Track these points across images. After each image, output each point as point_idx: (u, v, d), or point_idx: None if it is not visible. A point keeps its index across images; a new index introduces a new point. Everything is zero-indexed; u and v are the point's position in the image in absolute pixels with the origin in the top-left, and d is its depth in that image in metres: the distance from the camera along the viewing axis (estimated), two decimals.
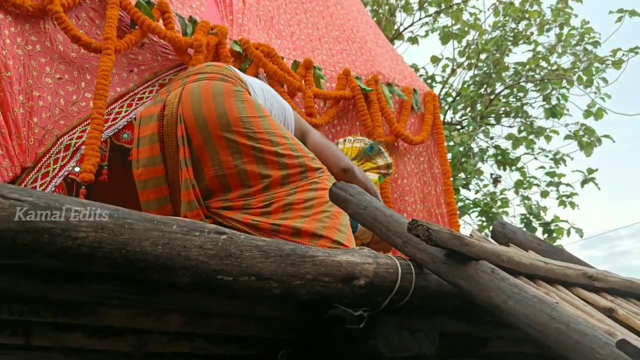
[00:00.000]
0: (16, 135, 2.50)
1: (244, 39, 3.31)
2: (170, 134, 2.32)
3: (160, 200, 2.37)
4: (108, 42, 2.73)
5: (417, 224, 1.64)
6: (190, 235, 1.44)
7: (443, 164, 3.87)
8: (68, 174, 2.59)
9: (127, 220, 1.36)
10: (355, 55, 3.93)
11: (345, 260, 1.67)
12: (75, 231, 1.29)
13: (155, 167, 2.34)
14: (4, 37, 2.55)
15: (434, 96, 4.02)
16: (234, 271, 1.49)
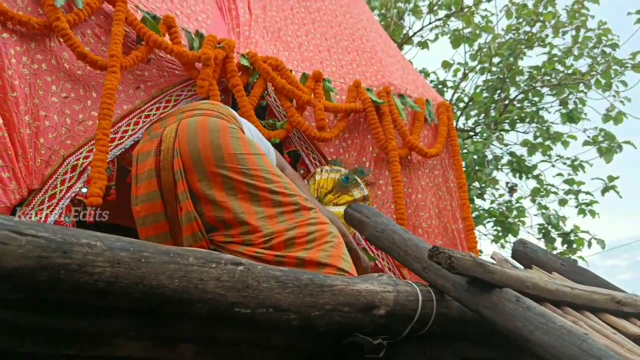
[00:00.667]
0: (22, 156, 2.53)
1: (252, 52, 3.34)
2: (167, 168, 2.39)
3: (160, 236, 2.42)
4: (113, 59, 2.77)
5: (438, 251, 1.66)
6: (206, 267, 1.47)
7: (458, 177, 3.88)
8: (75, 195, 2.62)
9: (144, 253, 1.39)
10: (365, 65, 3.96)
11: (365, 289, 1.69)
12: (91, 266, 1.31)
13: (153, 202, 2.41)
14: (9, 56, 2.58)
15: (448, 107, 4.04)
16: (251, 303, 1.51)
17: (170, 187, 2.39)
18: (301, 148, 3.42)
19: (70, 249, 1.29)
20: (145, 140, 2.50)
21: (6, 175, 2.48)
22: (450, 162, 3.95)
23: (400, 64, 4.22)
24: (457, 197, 3.87)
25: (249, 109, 3.13)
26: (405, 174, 3.69)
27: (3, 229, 1.23)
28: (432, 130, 3.97)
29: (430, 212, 3.73)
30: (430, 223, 3.70)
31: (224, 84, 3.23)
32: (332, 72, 3.80)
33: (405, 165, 3.72)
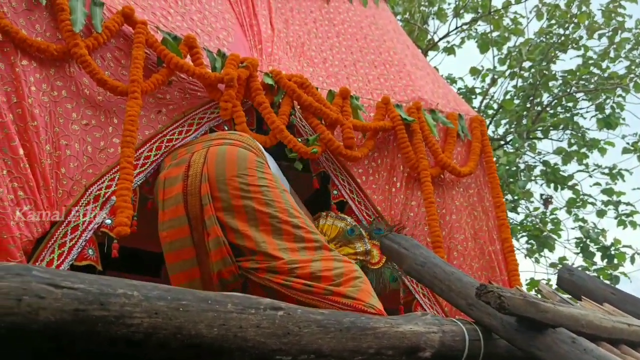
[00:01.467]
0: (44, 188, 2.56)
1: (276, 70, 3.36)
2: (194, 193, 2.57)
3: (186, 262, 2.57)
4: (134, 84, 2.80)
5: (486, 290, 1.65)
6: (245, 313, 1.48)
7: (495, 196, 3.85)
8: (99, 227, 2.65)
9: (182, 301, 1.40)
10: (393, 80, 3.96)
11: (409, 330, 1.69)
12: (129, 318, 1.33)
13: (181, 227, 2.56)
14: (29, 84, 2.62)
15: (482, 121, 4.02)
16: (292, 350, 1.52)
17: (197, 213, 2.54)
18: (329, 169, 3.42)
19: (107, 300, 1.31)
20: (171, 165, 2.66)
21: (28, 208, 2.51)
22: (485, 180, 3.92)
23: (430, 76, 4.22)
24: (494, 216, 3.84)
25: (278, 125, 3.14)
26: (439, 194, 3.67)
27: (39, 281, 1.25)
28: (465, 147, 3.95)
29: (466, 234, 3.71)
30: (465, 245, 3.68)
31: (248, 105, 3.25)
32: (359, 88, 3.81)
33: (438, 184, 3.70)
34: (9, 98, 2.58)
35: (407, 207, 3.58)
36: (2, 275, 1.21)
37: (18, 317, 1.20)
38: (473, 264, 3.66)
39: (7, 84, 2.60)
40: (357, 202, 3.45)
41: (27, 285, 1.23)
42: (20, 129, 2.57)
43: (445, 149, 3.78)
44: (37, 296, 1.23)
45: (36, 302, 1.22)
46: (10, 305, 1.20)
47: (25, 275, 1.24)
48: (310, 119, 3.35)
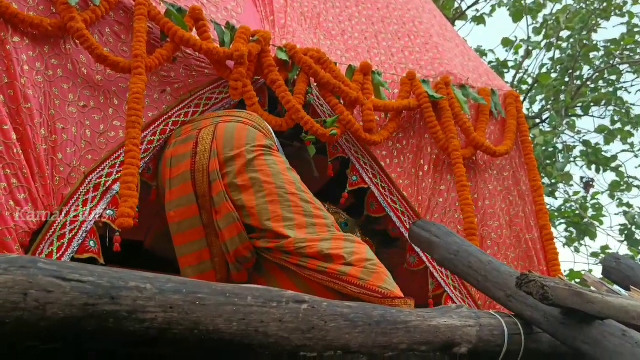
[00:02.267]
0: (39, 175, 2.59)
1: (290, 44, 3.36)
2: (202, 169, 2.70)
3: (195, 243, 2.71)
4: (138, 60, 2.82)
5: (528, 279, 1.66)
6: (267, 307, 1.50)
7: (532, 179, 3.85)
8: (100, 218, 2.68)
9: (198, 295, 1.42)
10: (419, 52, 3.96)
11: (444, 324, 1.71)
12: (142, 312, 1.35)
13: (189, 206, 2.70)
14: (21, 62, 2.65)
15: (517, 97, 4.01)
16: (318, 346, 1.54)
17: (205, 191, 2.67)
18: (350, 152, 3.44)
19: (119, 294, 1.34)
20: (177, 143, 2.79)
21: (22, 197, 2.54)
22: (521, 162, 3.92)
23: (459, 48, 4.21)
24: (531, 201, 3.85)
25: (294, 105, 3.14)
26: (470, 177, 3.67)
27: (46, 274, 1.27)
28: (499, 125, 3.95)
29: (501, 221, 3.72)
30: (500, 233, 3.69)
31: (259, 83, 3.26)
32: (382, 62, 3.81)
33: (470, 167, 3.70)
34: (0, 78, 2.61)
35: (435, 192, 3.59)
36: (6, 268, 1.24)
37: (25, 313, 1.23)
38: (509, 253, 3.67)
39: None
40: (381, 187, 3.46)
41: (33, 279, 1.25)
42: (13, 111, 2.59)
43: (477, 127, 3.78)
44: (44, 290, 1.25)
45: (43, 297, 1.25)
46: (16, 300, 1.23)
47: (30, 268, 1.27)
48: (328, 98, 3.36)
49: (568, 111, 8.34)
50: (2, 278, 1.24)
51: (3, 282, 1.23)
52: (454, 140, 3.57)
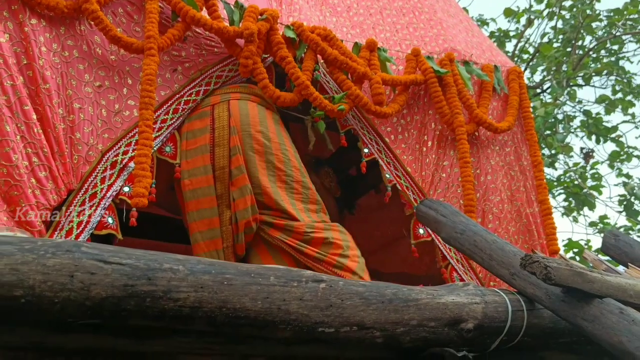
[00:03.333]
0: (59, 154, 2.71)
1: (297, 22, 3.44)
2: (222, 144, 3.02)
3: (206, 210, 3.00)
4: (150, 41, 2.91)
5: (532, 260, 1.78)
6: (288, 286, 1.63)
7: (533, 154, 3.96)
8: (117, 195, 2.79)
9: (226, 275, 1.55)
10: (424, 29, 4.04)
11: (451, 302, 1.84)
12: (176, 292, 1.48)
13: (205, 176, 3.00)
14: (39, 44, 2.74)
15: (520, 73, 4.10)
16: (335, 322, 1.67)
17: (224, 164, 3.00)
18: (357, 127, 3.54)
19: (155, 275, 1.46)
20: (194, 118, 3.07)
21: (43, 175, 2.66)
22: (523, 137, 4.03)
23: (463, 24, 4.29)
24: (532, 176, 3.96)
25: (303, 81, 3.23)
26: (473, 153, 3.78)
27: (89, 258, 1.40)
28: (501, 101, 4.04)
29: (502, 195, 3.83)
30: (501, 208, 3.81)
31: (267, 62, 3.35)
32: (387, 39, 3.89)
33: (472, 143, 3.81)
34: (19, 59, 2.71)
35: (438, 168, 3.70)
36: (54, 252, 1.36)
37: (72, 294, 1.36)
38: (509, 227, 3.80)
39: (16, 44, 2.72)
40: (387, 162, 3.57)
41: (78, 262, 1.38)
42: (32, 92, 2.70)
43: (480, 103, 3.87)
44: (88, 272, 1.38)
45: (88, 278, 1.37)
46: (64, 282, 1.35)
47: (75, 252, 1.39)
48: (335, 74, 3.45)
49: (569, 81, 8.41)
50: (50, 261, 1.36)
51: (52, 265, 1.35)
52: (458, 116, 3.67)
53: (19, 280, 1.31)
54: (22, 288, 1.32)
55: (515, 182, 3.93)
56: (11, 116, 2.61)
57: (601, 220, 8.84)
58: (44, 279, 1.33)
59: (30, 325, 1.39)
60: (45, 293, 1.33)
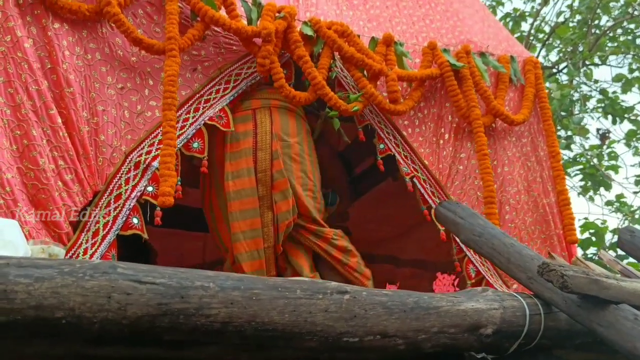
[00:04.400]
0: (84, 156, 2.78)
1: (315, 18, 3.47)
2: (264, 148, 3.23)
3: (249, 211, 3.20)
4: (171, 42, 2.95)
5: (549, 268, 1.83)
6: (314, 299, 1.69)
7: (550, 145, 3.99)
8: (141, 195, 2.86)
9: (254, 290, 1.62)
10: (440, 21, 4.05)
11: (471, 308, 1.90)
12: (208, 309, 1.55)
13: (249, 178, 3.20)
14: (62, 48, 2.80)
15: (536, 63, 4.11)
16: (359, 332, 1.74)
17: (267, 167, 3.21)
18: (374, 121, 3.58)
19: (187, 293, 1.53)
20: (236, 120, 3.22)
21: (69, 177, 2.74)
22: (539, 128, 4.05)
23: (479, 14, 4.30)
24: (549, 167, 3.99)
25: (319, 81, 3.28)
26: (490, 144, 3.81)
27: (125, 279, 1.47)
28: (518, 92, 4.07)
29: (519, 187, 3.87)
30: (518, 199, 3.85)
31: (285, 58, 3.39)
32: (403, 31, 3.91)
33: (489, 134, 3.84)
34: (43, 64, 2.77)
35: (455, 160, 3.74)
36: (92, 274, 1.43)
37: (109, 314, 1.43)
38: (526, 218, 3.84)
39: (40, 49, 2.78)
40: (404, 156, 3.61)
41: (114, 283, 1.44)
42: (56, 95, 2.77)
43: (497, 95, 3.90)
44: (124, 293, 1.45)
45: (124, 299, 1.44)
46: (102, 303, 1.42)
47: (111, 274, 1.46)
48: (352, 71, 3.49)
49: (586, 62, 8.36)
50: (88, 283, 1.43)
51: (90, 287, 1.42)
52: (475, 109, 3.70)
53: (59, 302, 1.38)
54: (62, 310, 1.39)
55: (532, 173, 3.96)
56: (37, 120, 2.69)
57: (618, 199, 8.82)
58: (83, 300, 1.40)
59: (70, 341, 1.47)
60: (85, 314, 1.40)
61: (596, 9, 7.69)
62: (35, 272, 1.39)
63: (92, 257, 2.69)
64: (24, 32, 2.74)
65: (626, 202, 8.84)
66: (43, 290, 1.38)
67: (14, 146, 2.63)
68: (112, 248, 2.77)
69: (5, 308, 1.34)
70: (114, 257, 2.76)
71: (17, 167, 2.61)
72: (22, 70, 2.69)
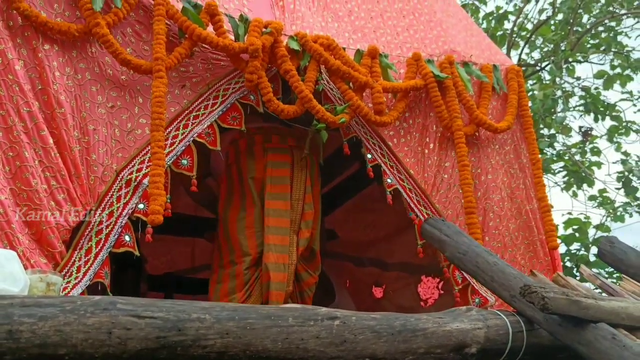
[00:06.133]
0: (76, 175, 2.83)
1: (301, 32, 3.53)
2: (300, 181, 3.75)
3: (282, 229, 3.63)
4: (158, 62, 3.00)
5: (530, 290, 1.92)
6: (305, 325, 1.76)
7: (532, 152, 4.08)
8: (133, 212, 2.92)
9: (248, 320, 1.69)
10: (424, 30, 4.12)
11: (456, 329, 1.98)
12: (204, 340, 1.62)
13: (284, 201, 3.67)
14: (53, 69, 2.84)
15: (518, 71, 4.20)
16: (349, 356, 1.81)
17: (300, 197, 3.72)
18: (360, 132, 3.65)
19: (184, 325, 1.60)
20: (276, 150, 3.77)
21: (61, 197, 2.79)
22: (522, 136, 4.14)
23: (462, 23, 4.37)
24: (531, 174, 4.08)
25: (306, 95, 3.34)
26: (473, 153, 3.90)
27: (124, 314, 1.53)
28: (500, 100, 4.15)
29: (502, 194, 3.96)
30: (502, 206, 3.94)
31: (272, 72, 3.45)
32: (388, 42, 3.98)
33: (473, 143, 3.92)
34: (34, 85, 2.82)
35: (440, 169, 3.82)
36: (93, 311, 1.49)
37: (110, 349, 1.49)
38: (510, 224, 3.93)
39: (30, 70, 2.83)
40: (390, 166, 3.69)
41: (115, 319, 1.51)
42: (48, 116, 2.82)
43: (480, 104, 3.98)
44: (124, 328, 1.51)
45: (124, 334, 1.51)
46: (103, 339, 1.49)
47: (111, 310, 1.52)
48: (338, 84, 3.56)
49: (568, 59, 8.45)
50: (90, 320, 1.49)
51: (91, 324, 1.49)
52: (457, 120, 3.78)
53: (62, 340, 1.45)
54: (66, 347, 1.45)
55: (515, 180, 4.05)
56: (29, 142, 2.73)
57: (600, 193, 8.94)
58: (85, 337, 1.47)
59: None
60: (87, 350, 1.47)
61: (577, 9, 7.80)
62: (38, 311, 1.45)
63: (86, 275, 2.75)
64: (15, 54, 2.79)
65: (609, 197, 8.97)
66: (47, 328, 1.44)
67: (7, 167, 2.68)
68: (105, 266, 2.82)
69: (11, 348, 1.40)
70: (107, 274, 2.81)
71: (10, 188, 2.66)
72: (14, 92, 2.74)
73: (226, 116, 3.32)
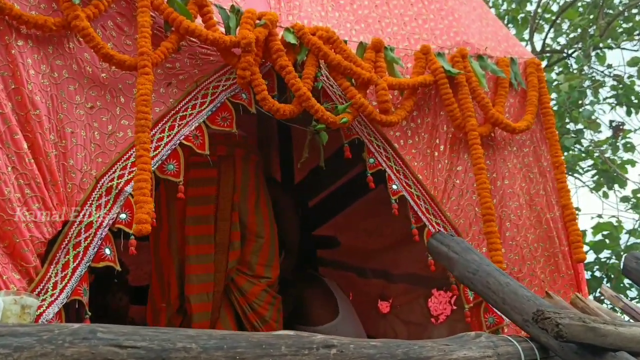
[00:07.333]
0: (52, 183, 2.89)
1: (298, 24, 3.58)
2: (226, 198, 3.70)
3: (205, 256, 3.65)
4: (144, 58, 3.06)
5: (543, 316, 1.98)
6: (299, 355, 1.83)
7: (554, 155, 4.13)
8: (114, 223, 2.98)
9: (237, 349, 1.76)
10: (434, 20, 4.17)
11: (463, 357, 2.04)
12: None
13: (207, 225, 3.67)
14: (27, 67, 2.90)
15: (538, 65, 4.25)
16: None
17: (227, 216, 3.64)
18: (362, 133, 3.70)
19: (169, 355, 1.67)
20: (195, 165, 3.48)
21: (36, 207, 2.84)
22: (542, 136, 4.19)
23: (476, 11, 4.42)
24: (552, 178, 4.13)
25: (304, 93, 3.39)
26: (489, 155, 3.95)
27: (105, 344, 1.60)
28: (518, 97, 4.20)
29: (520, 201, 4.02)
30: (520, 214, 3.99)
31: (267, 68, 3.50)
32: (394, 33, 4.03)
33: (488, 145, 3.98)
34: (7, 84, 2.86)
35: (452, 174, 3.87)
36: (71, 341, 1.56)
37: None
38: (528, 235, 3.99)
39: (3, 68, 2.87)
40: (395, 170, 3.74)
41: (95, 349, 1.58)
42: (22, 118, 2.87)
43: (496, 101, 4.03)
44: (105, 359, 1.58)
45: None
46: None
47: (91, 339, 1.59)
48: (339, 80, 3.61)
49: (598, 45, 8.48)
50: (68, 351, 1.56)
51: (70, 355, 1.56)
52: (471, 119, 3.83)
53: None
54: None
55: (534, 186, 4.10)
56: (1, 147, 2.78)
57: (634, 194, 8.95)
58: None
59: None
60: None
61: None
62: (14, 341, 1.52)
63: (62, 292, 2.80)
64: None
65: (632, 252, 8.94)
66: None
67: None
68: (84, 282, 2.87)
69: None
70: (85, 291, 2.87)
71: None
72: None
73: (215, 116, 3.37)
